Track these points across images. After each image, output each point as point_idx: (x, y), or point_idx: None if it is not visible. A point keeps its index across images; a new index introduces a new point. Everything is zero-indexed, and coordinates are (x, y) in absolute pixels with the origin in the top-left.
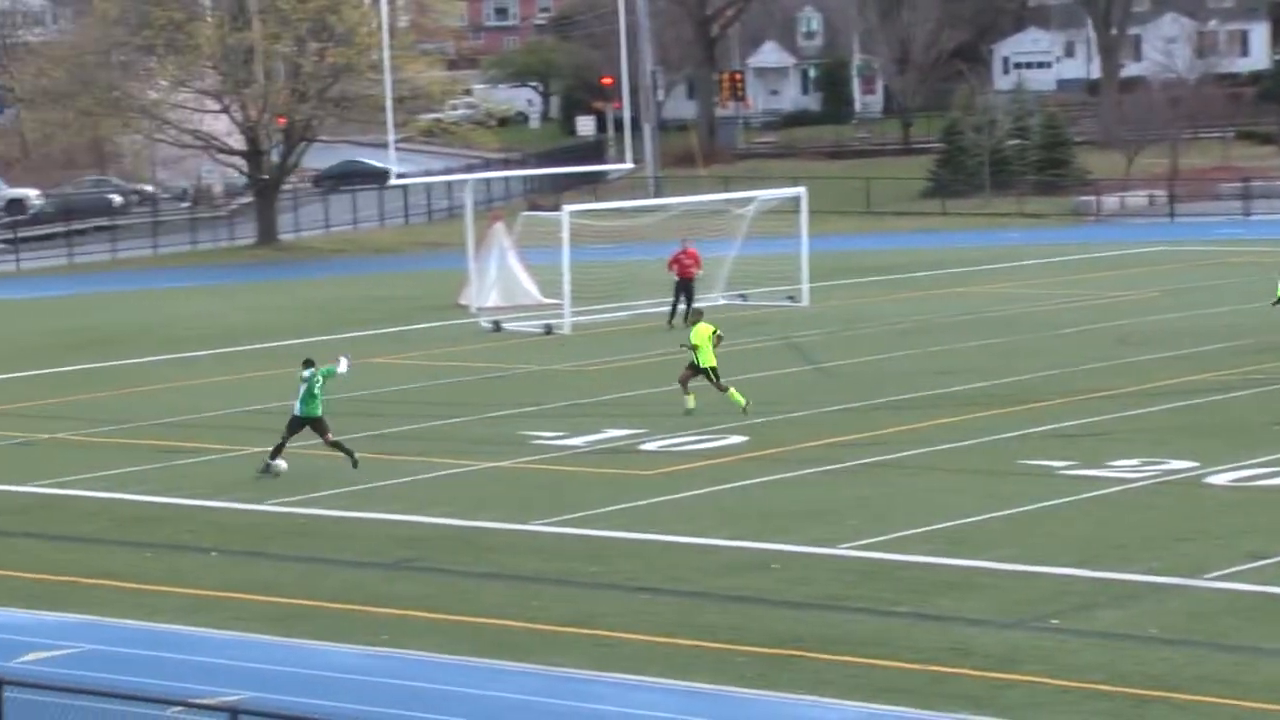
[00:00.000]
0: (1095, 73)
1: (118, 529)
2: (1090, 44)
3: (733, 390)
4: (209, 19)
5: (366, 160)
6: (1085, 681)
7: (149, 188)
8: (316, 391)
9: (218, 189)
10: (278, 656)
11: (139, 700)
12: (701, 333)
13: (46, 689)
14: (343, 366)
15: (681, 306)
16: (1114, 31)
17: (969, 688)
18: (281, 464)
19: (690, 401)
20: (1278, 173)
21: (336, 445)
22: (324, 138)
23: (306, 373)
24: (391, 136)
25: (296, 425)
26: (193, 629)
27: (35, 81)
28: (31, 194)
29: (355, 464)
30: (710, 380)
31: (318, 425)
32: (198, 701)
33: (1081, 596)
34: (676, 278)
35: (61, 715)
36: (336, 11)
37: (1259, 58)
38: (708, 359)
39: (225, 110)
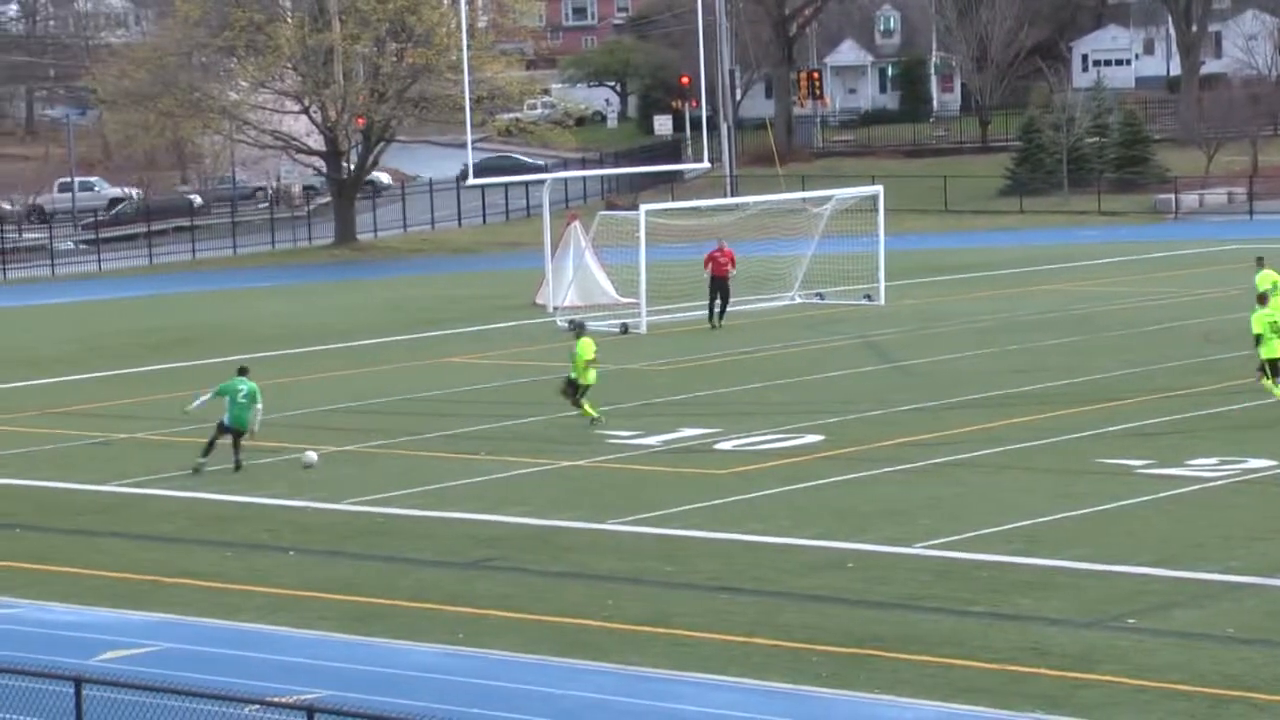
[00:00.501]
0: (1175, 70)
1: (197, 528)
2: (1170, 41)
3: (587, 405)
4: (289, 20)
5: (516, 155)
6: (1162, 681)
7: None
8: (242, 400)
9: (297, 189)
10: (355, 655)
11: (216, 699)
12: (587, 347)
13: (124, 687)
14: (255, 424)
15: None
16: (1194, 28)
17: (1046, 687)
18: (311, 455)
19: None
20: None
21: (211, 445)
22: (402, 138)
23: (243, 388)
24: (470, 136)
25: (222, 429)
26: (271, 628)
27: (117, 83)
28: (133, 193)
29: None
30: (571, 388)
31: (234, 434)
32: (275, 700)
33: (1159, 596)
34: (711, 276)
35: (139, 713)
36: (416, 12)
37: None
38: (585, 376)
39: (305, 111)
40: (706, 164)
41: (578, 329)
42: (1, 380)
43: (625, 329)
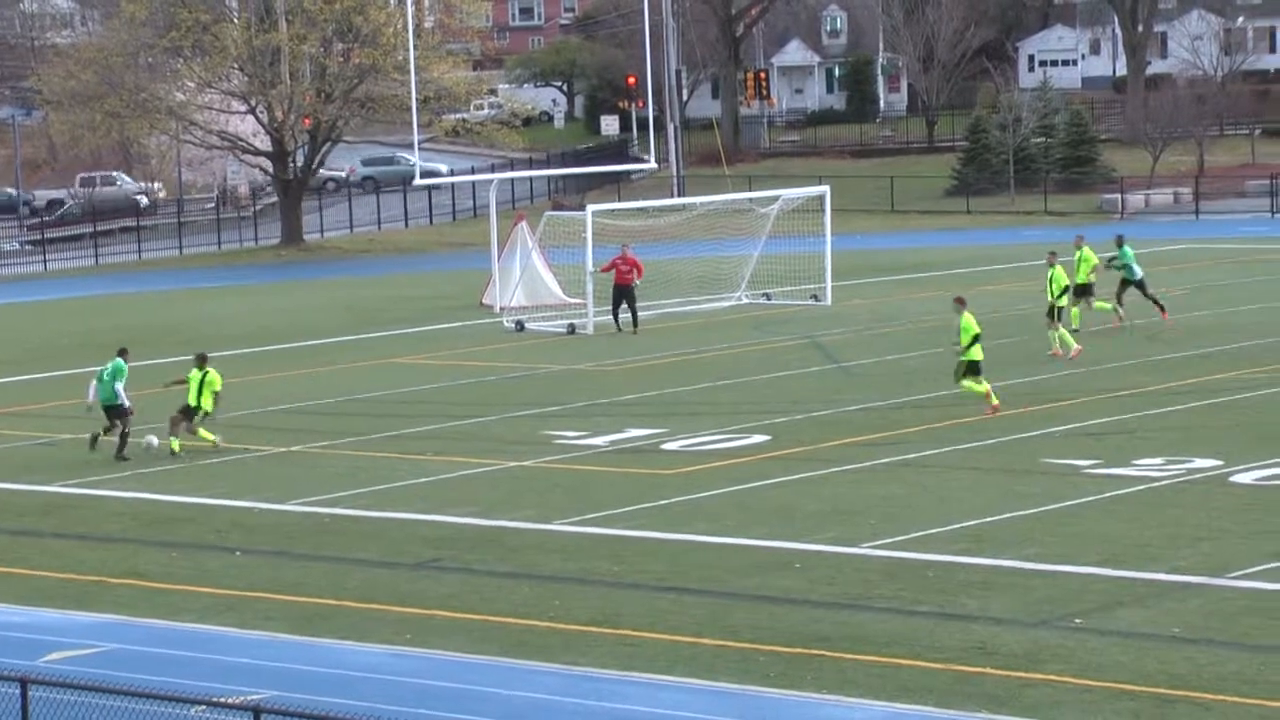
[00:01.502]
0: (1121, 70)
1: (143, 529)
2: (1116, 41)
3: (204, 430)
4: (235, 21)
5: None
6: (1108, 681)
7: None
8: (105, 378)
9: (244, 189)
10: (302, 656)
11: (163, 699)
12: (213, 379)
13: (70, 688)
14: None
15: (626, 315)
16: (1140, 29)
17: (991, 687)
18: (152, 439)
19: (175, 445)
20: None
21: (121, 435)
22: (349, 138)
23: (107, 367)
24: (416, 137)
25: (107, 412)
26: (217, 628)
27: (63, 83)
28: (155, 187)
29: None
30: (189, 417)
31: (111, 412)
32: (221, 701)
33: (1105, 596)
34: (614, 284)
35: (85, 715)
36: (362, 12)
37: None
38: (203, 399)
39: (251, 111)
40: (653, 164)
41: (201, 359)
42: None
43: (572, 329)
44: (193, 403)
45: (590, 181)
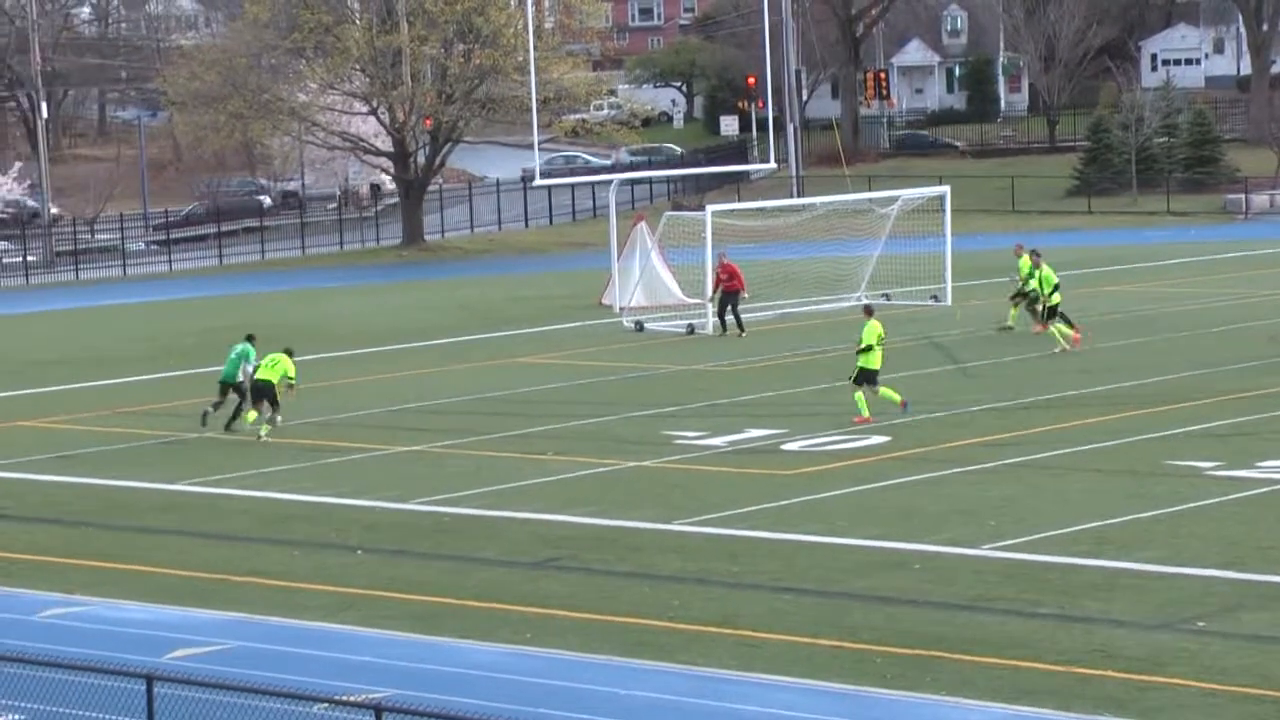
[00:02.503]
0: (1245, 69)
1: (265, 527)
2: (1240, 40)
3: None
4: (357, 22)
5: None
6: (1232, 685)
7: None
8: (233, 358)
9: (365, 190)
10: (422, 654)
11: (285, 697)
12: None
13: (195, 685)
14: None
15: (730, 318)
16: (1264, 27)
17: (1113, 690)
18: (258, 416)
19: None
20: None
21: (236, 409)
22: (469, 138)
23: (237, 348)
24: (536, 137)
25: (222, 389)
26: (339, 627)
27: (187, 85)
28: (385, 180)
29: (202, 422)
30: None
31: (227, 389)
32: (343, 699)
33: (1228, 598)
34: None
35: (209, 711)
36: (483, 13)
37: None
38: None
39: (373, 112)
40: (773, 164)
41: (286, 351)
42: (74, 380)
43: (691, 330)
44: (272, 379)
45: (710, 182)
